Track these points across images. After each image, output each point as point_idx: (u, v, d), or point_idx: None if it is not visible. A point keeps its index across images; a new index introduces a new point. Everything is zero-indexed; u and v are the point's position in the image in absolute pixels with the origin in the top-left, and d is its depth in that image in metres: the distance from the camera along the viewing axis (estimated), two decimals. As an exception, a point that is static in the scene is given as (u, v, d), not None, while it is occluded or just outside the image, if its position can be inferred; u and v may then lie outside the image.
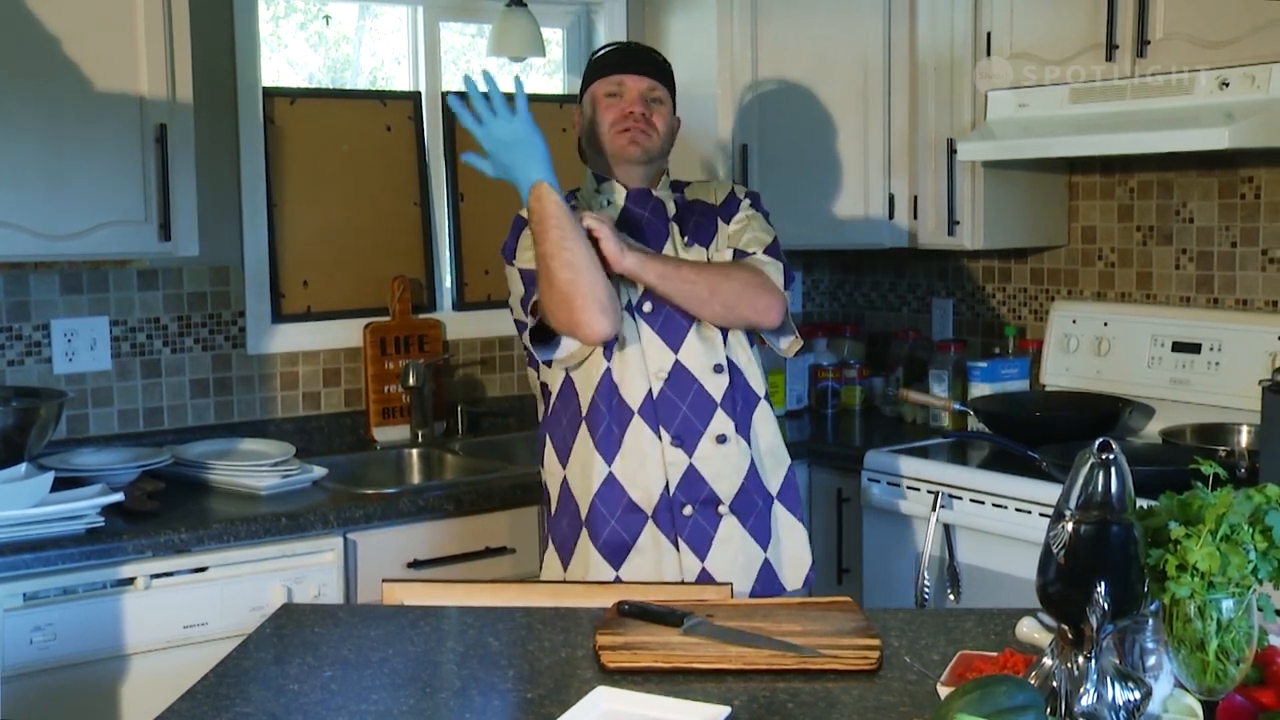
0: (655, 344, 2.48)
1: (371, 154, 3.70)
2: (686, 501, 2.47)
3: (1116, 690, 1.40)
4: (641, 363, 2.47)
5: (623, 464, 2.46)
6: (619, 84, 2.57)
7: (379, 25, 3.98)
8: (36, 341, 3.19)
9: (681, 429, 2.47)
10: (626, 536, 2.47)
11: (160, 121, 2.94)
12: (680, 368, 2.48)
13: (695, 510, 2.48)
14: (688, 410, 2.48)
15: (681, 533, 2.47)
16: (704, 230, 2.60)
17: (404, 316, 3.68)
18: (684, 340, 2.49)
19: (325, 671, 1.81)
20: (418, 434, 3.62)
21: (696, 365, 2.49)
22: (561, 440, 2.53)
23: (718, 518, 2.49)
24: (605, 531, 2.47)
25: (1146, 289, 3.55)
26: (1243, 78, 2.90)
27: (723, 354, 2.51)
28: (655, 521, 2.47)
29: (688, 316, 2.48)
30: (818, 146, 3.71)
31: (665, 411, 2.47)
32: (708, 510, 2.48)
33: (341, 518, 2.90)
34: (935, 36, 3.56)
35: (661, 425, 2.47)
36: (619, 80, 2.58)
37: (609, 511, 2.46)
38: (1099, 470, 1.39)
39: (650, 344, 2.48)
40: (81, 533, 2.64)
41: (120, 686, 2.67)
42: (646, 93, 2.58)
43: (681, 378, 2.48)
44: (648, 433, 2.47)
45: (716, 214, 2.63)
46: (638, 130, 2.55)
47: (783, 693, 1.70)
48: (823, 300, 4.41)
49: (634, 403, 2.47)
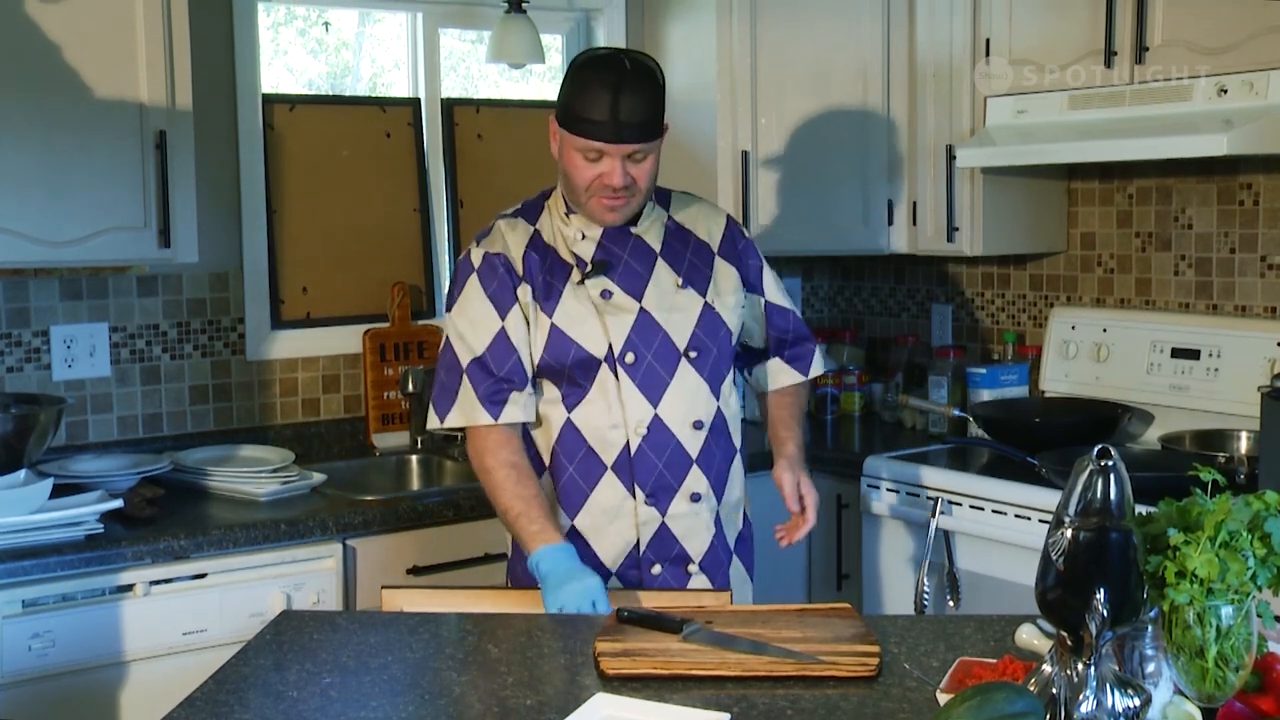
0: (635, 397, 2.36)
1: (371, 160, 3.70)
2: (656, 560, 2.40)
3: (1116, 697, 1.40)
4: (620, 415, 2.35)
5: (588, 519, 2.38)
6: (599, 151, 2.30)
7: (378, 31, 3.98)
8: (36, 348, 3.19)
9: (657, 486, 2.37)
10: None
11: (160, 128, 2.94)
12: (659, 423, 2.36)
13: (664, 569, 2.40)
14: (664, 467, 2.37)
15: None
16: (699, 272, 2.46)
17: (403, 323, 3.68)
18: (664, 394, 2.37)
19: (324, 678, 1.81)
20: (417, 440, 3.62)
21: (675, 420, 2.37)
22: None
23: (687, 576, 2.42)
24: None
25: (1146, 295, 3.55)
26: (1241, 84, 2.90)
27: (702, 409, 2.40)
28: (620, 579, 2.39)
29: (668, 369, 2.38)
30: (817, 152, 3.71)
31: (641, 468, 2.36)
32: (677, 569, 2.41)
33: (341, 524, 2.90)
34: (934, 43, 3.56)
35: (636, 483, 2.37)
36: (599, 149, 2.30)
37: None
38: (1098, 476, 1.39)
39: (630, 397, 2.35)
40: (81, 539, 2.64)
41: (119, 693, 2.67)
42: (630, 155, 2.32)
43: (660, 433, 2.36)
44: (621, 489, 2.37)
45: (714, 253, 2.50)
46: (618, 200, 2.35)
47: (782, 699, 1.70)
48: (822, 306, 4.41)
49: (608, 457, 2.36)
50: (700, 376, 2.41)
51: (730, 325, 2.48)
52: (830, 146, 3.70)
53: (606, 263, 2.39)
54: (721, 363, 2.45)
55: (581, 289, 2.38)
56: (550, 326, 2.36)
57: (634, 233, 2.44)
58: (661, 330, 2.39)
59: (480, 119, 3.87)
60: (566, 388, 2.39)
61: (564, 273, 2.39)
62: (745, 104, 3.68)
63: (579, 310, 2.37)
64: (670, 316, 2.40)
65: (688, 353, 2.41)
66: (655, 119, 2.33)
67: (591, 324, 2.36)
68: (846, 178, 3.71)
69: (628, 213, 2.40)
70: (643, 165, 2.34)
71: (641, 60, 2.36)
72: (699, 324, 2.42)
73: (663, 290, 2.41)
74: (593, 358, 2.35)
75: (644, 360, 2.36)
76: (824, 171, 3.71)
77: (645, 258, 2.43)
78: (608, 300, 2.38)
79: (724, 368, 2.46)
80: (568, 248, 2.42)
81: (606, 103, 2.27)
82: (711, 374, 2.43)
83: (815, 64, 3.68)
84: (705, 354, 2.42)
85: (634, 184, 2.34)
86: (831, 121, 3.69)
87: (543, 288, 2.38)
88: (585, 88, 2.30)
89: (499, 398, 2.35)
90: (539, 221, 2.45)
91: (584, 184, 2.34)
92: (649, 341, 2.38)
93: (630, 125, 2.29)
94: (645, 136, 2.31)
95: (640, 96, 2.29)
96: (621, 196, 2.34)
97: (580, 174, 2.34)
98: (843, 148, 3.70)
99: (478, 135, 3.86)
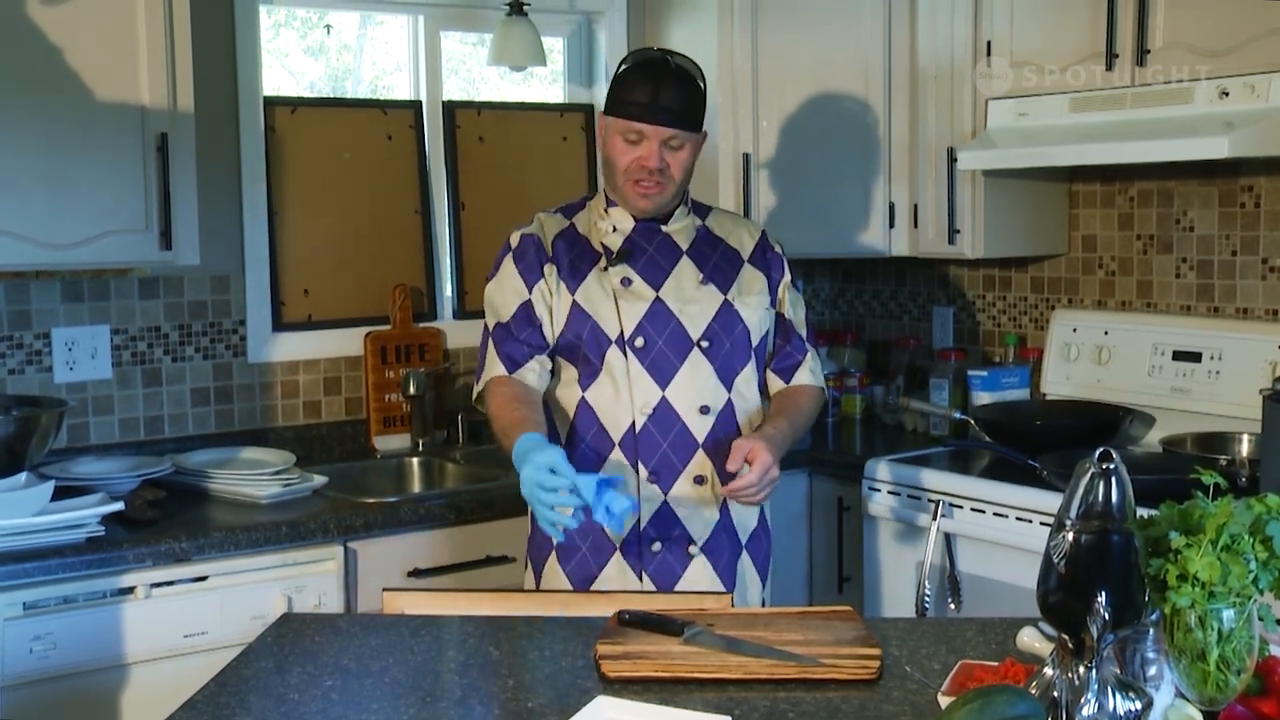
0: (643, 379, 2.47)
1: (372, 163, 3.70)
2: (657, 538, 2.48)
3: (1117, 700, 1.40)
4: (628, 396, 2.47)
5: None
6: (639, 133, 2.46)
7: (380, 34, 3.98)
8: (37, 350, 3.19)
9: (660, 465, 2.48)
10: (594, 566, 2.49)
11: (161, 130, 2.94)
12: (666, 405, 2.47)
13: (664, 548, 2.48)
14: (668, 448, 2.47)
15: (647, 568, 2.48)
16: (723, 273, 2.57)
17: (405, 325, 3.68)
18: (673, 379, 2.48)
19: (326, 681, 1.81)
20: (418, 443, 3.62)
21: (682, 405, 2.48)
22: None
23: (688, 558, 2.49)
24: (575, 558, 2.50)
25: (1147, 298, 3.55)
26: (1242, 87, 2.90)
27: (710, 396, 2.50)
28: (623, 554, 2.48)
29: (679, 355, 2.49)
30: (818, 155, 3.71)
31: (646, 447, 2.47)
32: (677, 549, 2.49)
33: (342, 526, 2.90)
34: (935, 45, 3.56)
35: (640, 460, 2.47)
36: (639, 130, 2.46)
37: (580, 539, 2.47)
38: (1099, 479, 1.39)
39: (638, 379, 2.47)
40: (82, 542, 2.64)
41: (120, 696, 2.66)
42: (667, 141, 2.47)
43: (666, 415, 2.47)
44: (626, 466, 2.47)
45: (744, 260, 2.61)
46: (651, 184, 2.48)
47: (783, 702, 1.70)
48: (823, 309, 4.41)
49: (616, 435, 2.48)
50: (711, 366, 2.50)
51: (749, 323, 2.56)
52: (831, 149, 3.70)
53: (630, 251, 2.52)
54: (736, 356, 2.54)
55: (605, 275, 2.51)
56: (572, 302, 2.50)
57: (664, 230, 2.56)
58: (675, 319, 2.50)
59: (482, 121, 3.87)
60: (582, 368, 2.50)
61: (592, 260, 2.54)
62: (746, 106, 3.68)
63: (599, 293, 2.50)
64: (687, 308, 2.51)
65: (700, 342, 2.50)
66: (693, 112, 2.50)
67: (608, 307, 2.49)
68: (847, 180, 3.71)
69: (660, 201, 2.51)
70: (678, 154, 2.48)
71: (685, 60, 2.54)
72: (716, 318, 2.53)
73: (683, 284, 2.53)
74: (605, 337, 2.47)
75: (654, 345, 2.48)
76: (825, 174, 3.71)
77: (670, 254, 2.56)
78: (627, 287, 2.50)
79: (738, 361, 2.55)
80: (599, 240, 2.55)
81: (648, 89, 2.45)
82: (724, 365, 2.52)
83: (816, 66, 3.68)
84: (718, 345, 2.51)
85: (668, 170, 2.48)
86: (832, 124, 3.69)
87: (569, 268, 2.52)
88: (630, 75, 2.50)
89: (518, 356, 2.49)
90: (576, 217, 2.60)
91: (623, 166, 2.48)
92: (661, 329, 2.49)
93: (669, 111, 2.45)
94: (682, 124, 2.47)
95: (680, 88, 2.48)
96: (657, 183, 2.48)
97: (620, 157, 2.48)
98: (844, 150, 3.70)
99: (479, 138, 3.86)
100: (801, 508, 3.53)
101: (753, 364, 2.58)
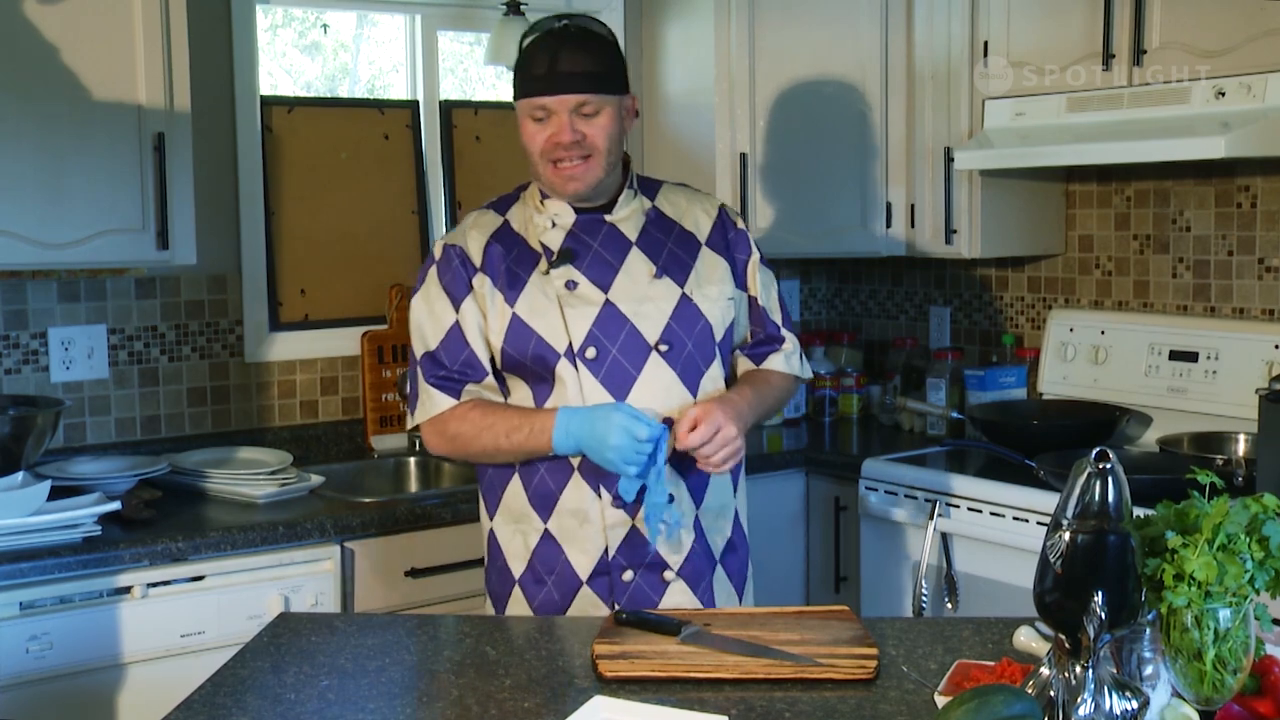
0: (597, 393, 2.23)
1: (369, 162, 3.70)
2: (628, 566, 2.27)
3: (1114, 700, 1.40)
4: None
5: (558, 522, 2.28)
6: (544, 108, 2.24)
7: (376, 34, 3.98)
8: (34, 350, 3.19)
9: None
10: (559, 601, 2.29)
11: (158, 130, 2.94)
12: None
13: (637, 576, 2.27)
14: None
15: (619, 599, 2.26)
16: (678, 262, 2.34)
17: (402, 325, 3.67)
18: (630, 390, 2.24)
19: (322, 681, 1.81)
20: (415, 442, 3.61)
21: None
22: (489, 486, 2.36)
23: (664, 584, 2.28)
24: (540, 593, 2.30)
25: (1143, 298, 3.55)
26: (1239, 87, 2.90)
27: (674, 406, 2.26)
28: (591, 587, 2.27)
29: (636, 363, 2.26)
30: (815, 155, 3.71)
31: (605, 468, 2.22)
32: (651, 576, 2.28)
33: (339, 526, 2.89)
34: (932, 45, 3.56)
35: (602, 484, 2.25)
36: (543, 104, 2.24)
37: (545, 570, 2.29)
38: (1096, 479, 1.39)
39: (592, 394, 2.23)
40: (78, 541, 2.64)
41: (117, 696, 2.66)
42: (578, 109, 2.23)
43: None
44: (587, 490, 2.26)
45: (701, 243, 2.38)
46: (571, 161, 2.25)
47: (780, 702, 1.70)
48: (820, 308, 4.41)
49: (574, 458, 2.25)
50: (673, 371, 2.28)
51: (711, 318, 2.33)
52: (828, 148, 3.70)
53: (573, 251, 2.29)
54: (698, 358, 2.31)
55: (546, 279, 2.28)
56: (511, 315, 2.28)
57: (608, 220, 2.33)
58: (628, 323, 2.27)
59: (478, 121, 3.87)
60: (534, 385, 2.29)
61: (531, 262, 2.31)
62: (743, 106, 3.68)
63: (541, 302, 2.27)
64: (640, 308, 2.28)
65: (658, 346, 2.28)
66: (602, 73, 2.25)
67: (553, 317, 2.26)
68: (845, 180, 3.71)
69: (590, 180, 2.27)
70: (595, 121, 2.25)
71: (582, 18, 2.31)
72: (673, 316, 2.30)
73: (634, 281, 2.30)
74: (553, 351, 2.25)
75: (607, 355, 2.25)
76: (822, 174, 3.71)
77: (618, 247, 2.32)
78: (572, 291, 2.27)
79: (702, 363, 2.32)
80: (537, 237, 2.33)
81: (545, 59, 2.23)
82: (686, 369, 2.29)
83: (813, 66, 3.69)
84: (679, 348, 2.29)
85: (586, 142, 2.24)
86: (830, 124, 3.70)
87: (505, 276, 2.30)
88: (527, 50, 2.28)
89: (452, 387, 2.30)
90: (509, 212, 2.38)
91: (538, 150, 2.27)
92: (613, 335, 2.26)
93: (571, 75, 2.22)
94: (590, 87, 2.23)
95: (581, 50, 2.24)
96: (576, 160, 2.25)
97: (533, 141, 2.27)
98: (841, 150, 3.70)
99: (476, 137, 3.86)
100: (798, 507, 3.53)
101: (719, 362, 2.35)
